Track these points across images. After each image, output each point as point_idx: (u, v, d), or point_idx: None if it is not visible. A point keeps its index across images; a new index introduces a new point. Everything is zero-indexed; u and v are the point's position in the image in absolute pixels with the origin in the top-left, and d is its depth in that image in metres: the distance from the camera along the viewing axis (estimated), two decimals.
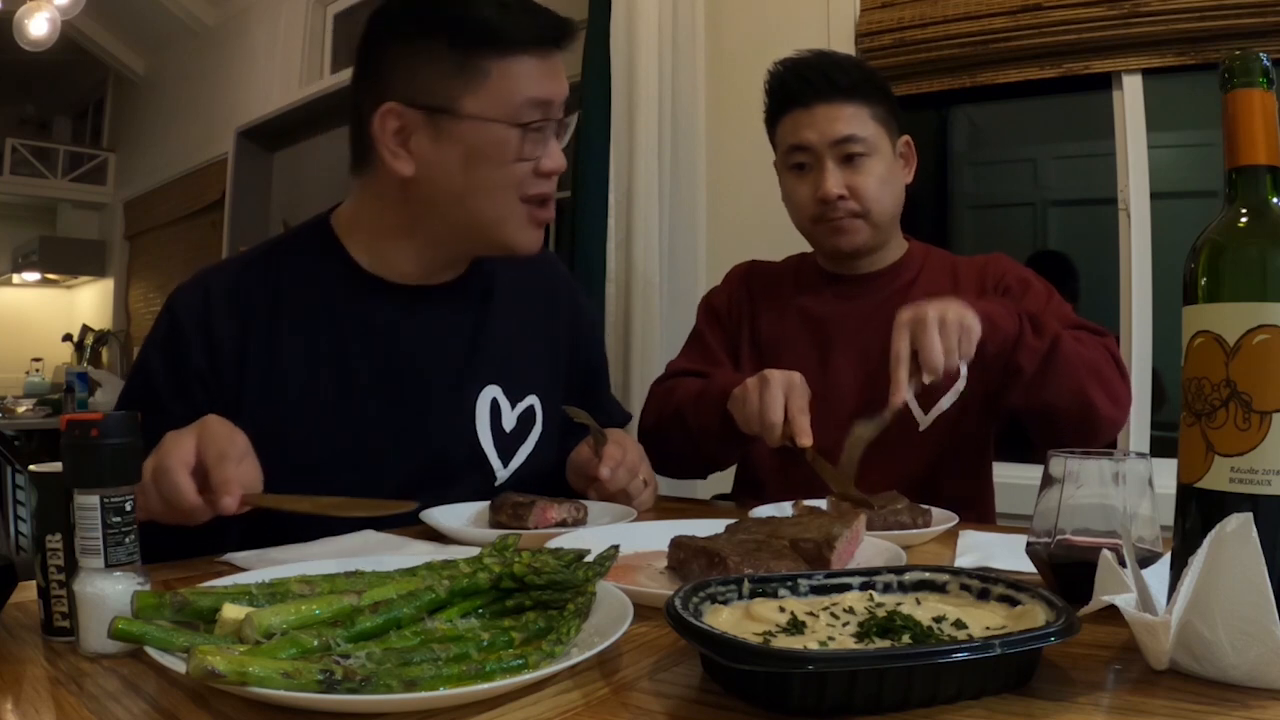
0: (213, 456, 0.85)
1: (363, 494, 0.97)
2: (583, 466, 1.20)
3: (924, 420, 1.28)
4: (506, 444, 1.22)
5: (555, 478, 1.29)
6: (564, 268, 1.46)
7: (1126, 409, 1.26)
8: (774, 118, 1.46)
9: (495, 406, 1.21)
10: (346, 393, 1.11)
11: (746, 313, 1.53)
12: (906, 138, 1.45)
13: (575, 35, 1.13)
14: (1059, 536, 0.73)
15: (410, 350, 1.15)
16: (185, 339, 1.07)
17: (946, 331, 1.11)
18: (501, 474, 1.21)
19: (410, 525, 1.05)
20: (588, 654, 0.56)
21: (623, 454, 1.17)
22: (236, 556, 0.90)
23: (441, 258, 1.17)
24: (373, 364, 1.13)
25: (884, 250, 1.46)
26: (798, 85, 1.40)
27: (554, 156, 1.09)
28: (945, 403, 1.18)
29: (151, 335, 1.11)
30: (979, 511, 1.38)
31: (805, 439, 1.16)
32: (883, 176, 1.39)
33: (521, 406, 1.24)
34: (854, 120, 1.37)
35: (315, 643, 0.54)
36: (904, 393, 1.11)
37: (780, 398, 1.18)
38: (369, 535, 1.00)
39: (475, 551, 0.71)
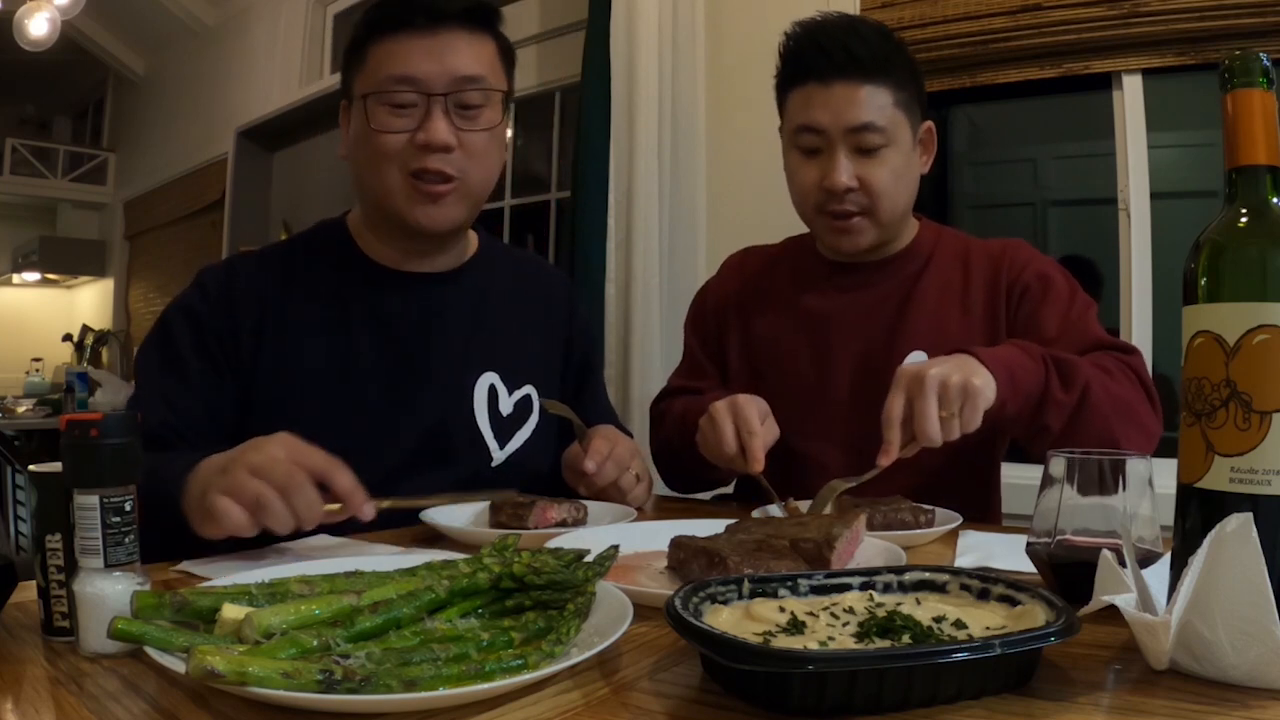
0: (322, 463, 0.86)
1: (361, 467, 0.99)
2: (574, 462, 1.21)
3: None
4: (503, 427, 1.25)
5: (554, 477, 1.30)
6: (564, 275, 1.50)
7: (1157, 438, 1.15)
8: (785, 86, 1.31)
9: (493, 392, 1.25)
10: (349, 369, 1.16)
11: (736, 308, 1.44)
12: (929, 124, 1.33)
13: (478, 14, 1.16)
14: (1059, 536, 0.73)
15: (411, 333, 1.20)
16: (210, 302, 1.14)
17: (948, 398, 1.01)
18: (498, 455, 1.24)
19: (410, 525, 1.05)
20: (588, 654, 0.56)
21: (610, 448, 1.17)
22: (195, 565, 0.87)
23: (397, 240, 1.21)
24: (375, 343, 1.18)
25: (888, 244, 1.35)
26: (815, 57, 1.25)
27: (428, 130, 1.10)
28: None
29: (177, 300, 1.17)
30: (984, 512, 1.34)
31: (755, 466, 1.11)
32: (898, 170, 1.26)
33: (519, 394, 1.27)
34: (873, 105, 1.23)
35: (315, 643, 0.54)
36: (894, 456, 1.03)
37: (729, 429, 1.13)
38: (324, 539, 0.99)
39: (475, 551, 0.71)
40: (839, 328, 1.34)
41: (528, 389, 1.28)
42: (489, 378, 1.24)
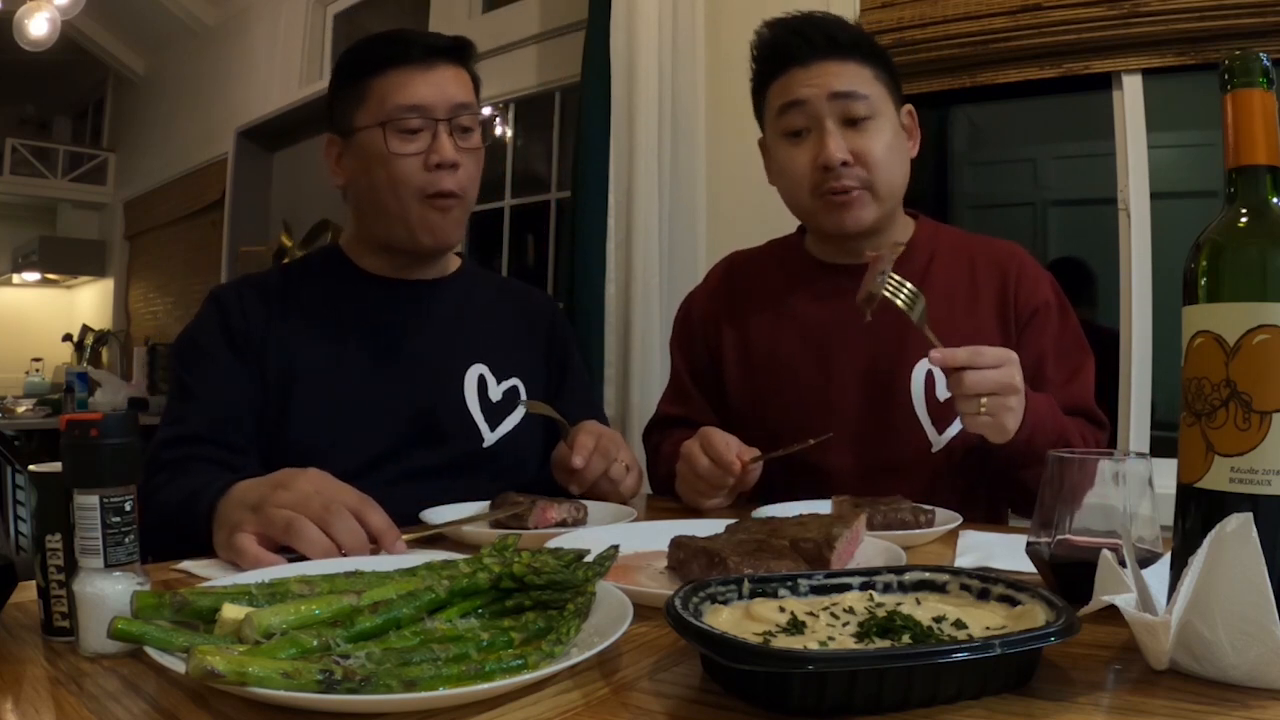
0: (354, 500, 0.88)
1: (358, 451, 1.16)
2: (562, 461, 1.23)
3: (938, 442, 1.25)
4: (493, 412, 1.32)
5: (544, 466, 1.33)
6: (546, 293, 1.64)
7: None
8: (763, 83, 1.31)
9: (482, 381, 1.32)
10: (346, 364, 1.25)
11: (728, 317, 1.40)
12: (909, 107, 1.32)
13: (463, 50, 1.28)
14: (1059, 536, 0.73)
15: (402, 330, 1.29)
16: (230, 311, 1.25)
17: (1000, 401, 1.03)
18: (490, 437, 1.30)
19: (409, 525, 1.05)
20: (588, 654, 0.56)
21: (595, 441, 1.19)
22: (195, 565, 0.87)
23: (395, 253, 1.30)
24: (368, 340, 1.27)
25: (887, 232, 1.32)
26: (794, 42, 1.25)
27: (439, 151, 1.22)
28: (959, 424, 1.16)
29: (197, 318, 1.28)
30: (990, 511, 1.32)
31: (732, 467, 1.15)
32: (890, 143, 1.24)
33: (506, 384, 1.35)
34: (856, 78, 1.23)
35: (315, 643, 0.54)
36: (947, 360, 1.03)
37: (702, 469, 1.17)
38: None
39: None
40: (841, 334, 1.31)
41: (515, 380, 1.35)
42: (479, 368, 1.32)
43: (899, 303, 1.08)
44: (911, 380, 1.27)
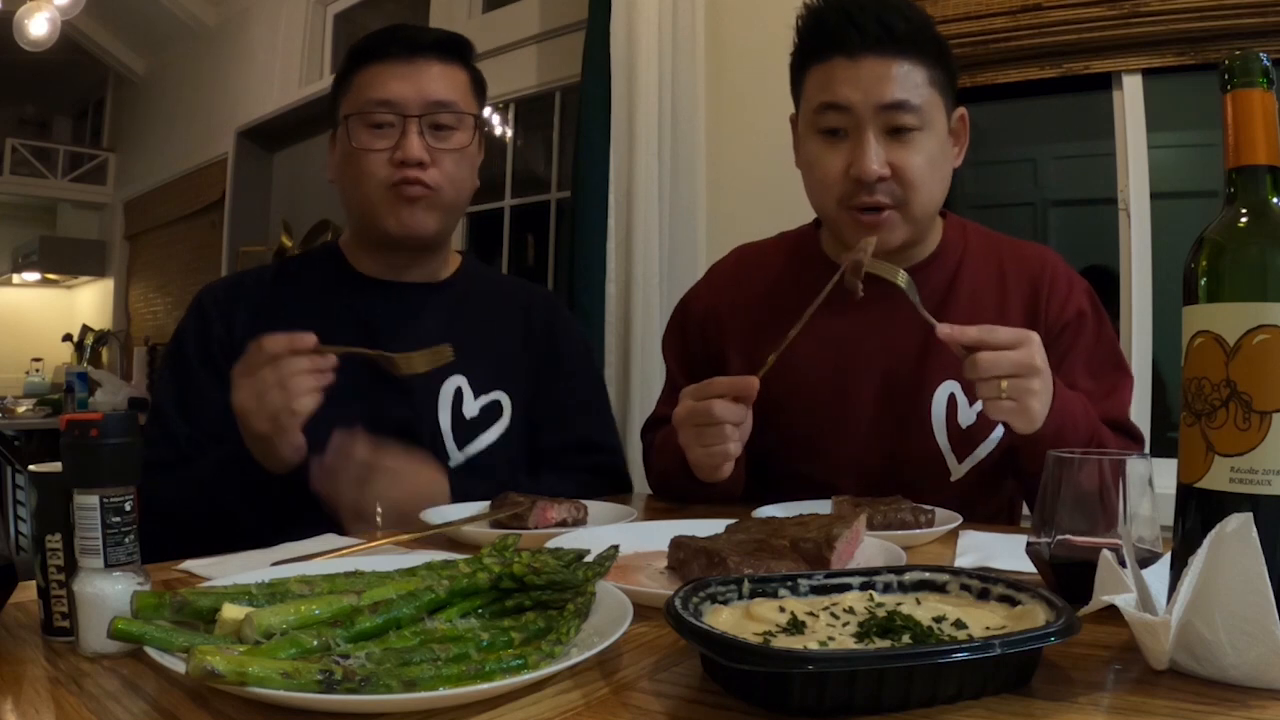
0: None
1: None
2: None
3: (957, 470, 1.21)
4: (465, 430, 1.29)
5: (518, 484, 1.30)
6: (549, 292, 1.63)
7: None
8: (804, 63, 1.18)
9: (458, 394, 1.29)
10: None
11: (735, 323, 1.30)
12: (962, 111, 1.19)
13: (454, 47, 1.28)
14: (1059, 536, 0.73)
15: (388, 335, 1.25)
16: (210, 318, 1.26)
17: (1022, 384, 0.97)
18: (456, 456, 1.27)
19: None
20: (587, 654, 0.56)
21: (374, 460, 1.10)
22: (195, 565, 0.86)
23: (381, 252, 1.30)
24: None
25: (913, 246, 1.23)
26: (844, 27, 1.11)
27: (404, 147, 1.22)
28: (982, 452, 1.14)
29: (184, 318, 1.30)
30: (1010, 514, 1.29)
31: (752, 386, 1.07)
32: (934, 158, 1.13)
33: (485, 399, 1.31)
34: (908, 83, 1.10)
35: (315, 643, 0.54)
36: (956, 336, 0.98)
37: (717, 410, 1.08)
38: (331, 538, 0.99)
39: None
40: (861, 348, 1.23)
41: (497, 394, 1.31)
42: (456, 380, 1.28)
43: (882, 272, 1.05)
44: (932, 403, 1.20)
